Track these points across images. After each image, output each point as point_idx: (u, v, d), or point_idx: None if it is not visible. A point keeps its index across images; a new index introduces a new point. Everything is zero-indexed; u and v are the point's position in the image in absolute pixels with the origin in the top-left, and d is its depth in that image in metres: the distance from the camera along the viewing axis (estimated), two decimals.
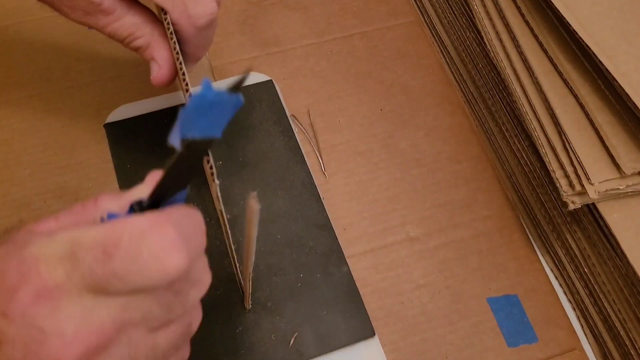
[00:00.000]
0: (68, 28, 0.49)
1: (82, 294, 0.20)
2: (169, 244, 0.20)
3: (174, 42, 0.32)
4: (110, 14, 0.32)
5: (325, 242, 0.42)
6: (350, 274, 0.41)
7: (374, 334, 0.40)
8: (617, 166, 0.36)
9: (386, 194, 0.45)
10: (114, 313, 0.20)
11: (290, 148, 0.46)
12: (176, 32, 0.33)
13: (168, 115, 0.46)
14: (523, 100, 0.41)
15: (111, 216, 0.22)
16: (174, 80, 0.35)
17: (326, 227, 0.43)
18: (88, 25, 0.33)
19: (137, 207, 0.23)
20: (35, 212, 0.42)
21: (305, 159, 0.46)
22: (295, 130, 0.47)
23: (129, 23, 0.33)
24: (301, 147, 0.46)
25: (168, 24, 0.32)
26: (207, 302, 0.39)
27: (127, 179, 0.43)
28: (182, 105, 0.29)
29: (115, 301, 0.20)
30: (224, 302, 0.40)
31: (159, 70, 0.34)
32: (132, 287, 0.20)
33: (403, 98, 0.50)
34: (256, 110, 0.47)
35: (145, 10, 0.34)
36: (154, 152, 0.44)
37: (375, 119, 0.49)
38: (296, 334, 0.39)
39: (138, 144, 0.45)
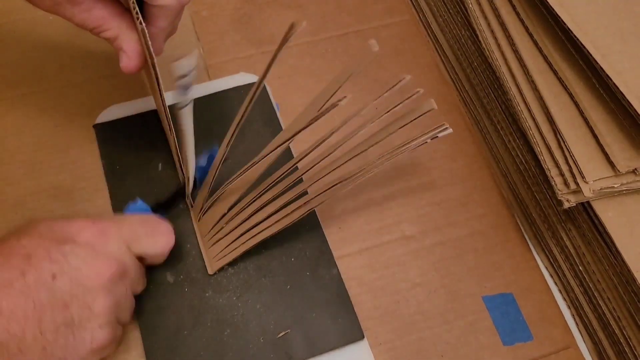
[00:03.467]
0: (61, 26, 0.48)
1: (121, 241, 0.35)
2: (170, 231, 0.39)
3: (144, 36, 0.32)
4: (78, 5, 0.34)
5: (315, 244, 0.42)
6: (340, 276, 0.41)
7: (363, 337, 0.40)
8: (612, 164, 0.37)
9: (382, 192, 0.45)
10: (128, 259, 0.35)
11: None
12: (160, 11, 0.33)
13: (158, 117, 0.46)
14: (518, 98, 0.41)
15: (131, 207, 0.40)
16: (142, 68, 0.36)
17: (316, 228, 0.43)
18: (57, 14, 0.35)
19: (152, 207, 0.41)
20: (29, 212, 0.42)
21: None
22: None
23: (97, 15, 0.34)
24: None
25: (137, 13, 0.32)
26: (197, 304, 0.39)
27: (117, 180, 0.43)
28: (171, 105, 0.36)
29: (131, 254, 0.36)
30: (212, 305, 0.40)
31: (128, 61, 0.35)
32: (146, 249, 0.37)
33: (399, 97, 0.50)
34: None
35: (114, 2, 0.35)
36: (144, 153, 0.44)
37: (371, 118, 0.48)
38: (289, 330, 0.39)
39: (127, 145, 0.44)
